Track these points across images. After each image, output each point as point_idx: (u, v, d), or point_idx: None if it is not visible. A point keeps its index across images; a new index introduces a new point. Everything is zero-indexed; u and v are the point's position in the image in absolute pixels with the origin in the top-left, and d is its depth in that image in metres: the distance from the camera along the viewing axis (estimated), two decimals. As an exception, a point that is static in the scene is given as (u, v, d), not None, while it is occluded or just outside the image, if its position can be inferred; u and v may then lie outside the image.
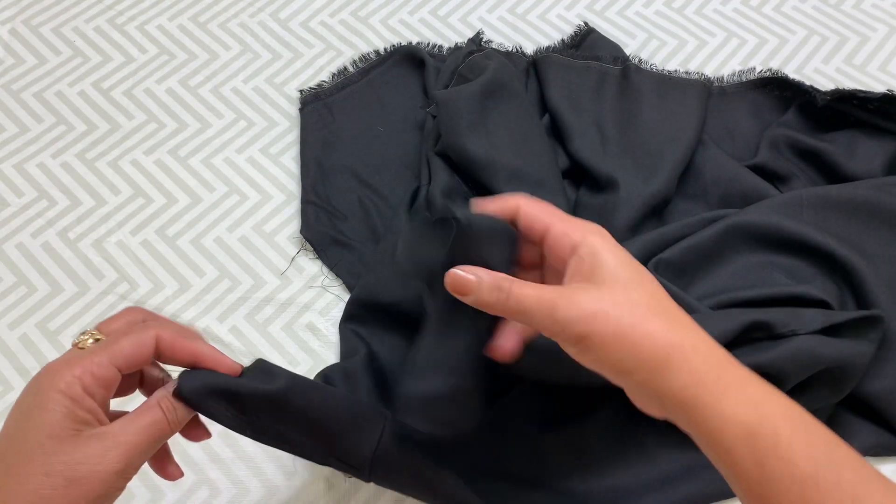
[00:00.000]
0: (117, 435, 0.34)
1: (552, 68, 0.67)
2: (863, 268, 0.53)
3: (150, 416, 0.35)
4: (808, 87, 0.66)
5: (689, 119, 0.63)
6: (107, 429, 0.34)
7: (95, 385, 0.34)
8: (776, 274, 0.53)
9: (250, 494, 0.51)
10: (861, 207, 0.57)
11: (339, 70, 0.72)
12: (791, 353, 0.45)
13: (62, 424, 0.33)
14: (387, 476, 0.42)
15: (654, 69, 0.69)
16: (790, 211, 0.56)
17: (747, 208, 0.56)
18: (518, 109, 0.62)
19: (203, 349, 0.38)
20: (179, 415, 0.37)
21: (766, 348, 0.46)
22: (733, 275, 0.54)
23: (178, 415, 0.36)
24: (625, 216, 0.57)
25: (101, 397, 0.35)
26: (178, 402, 0.36)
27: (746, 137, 0.67)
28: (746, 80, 0.70)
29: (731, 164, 0.62)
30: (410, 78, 0.71)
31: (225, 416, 0.38)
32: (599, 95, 0.65)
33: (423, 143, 0.64)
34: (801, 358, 0.45)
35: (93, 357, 0.35)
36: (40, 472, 0.32)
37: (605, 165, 0.60)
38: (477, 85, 0.60)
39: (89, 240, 0.62)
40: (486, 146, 0.58)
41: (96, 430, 0.34)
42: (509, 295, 0.35)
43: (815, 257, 0.54)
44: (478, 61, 0.64)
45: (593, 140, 0.62)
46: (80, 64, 0.72)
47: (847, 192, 0.57)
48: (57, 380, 0.33)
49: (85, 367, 0.34)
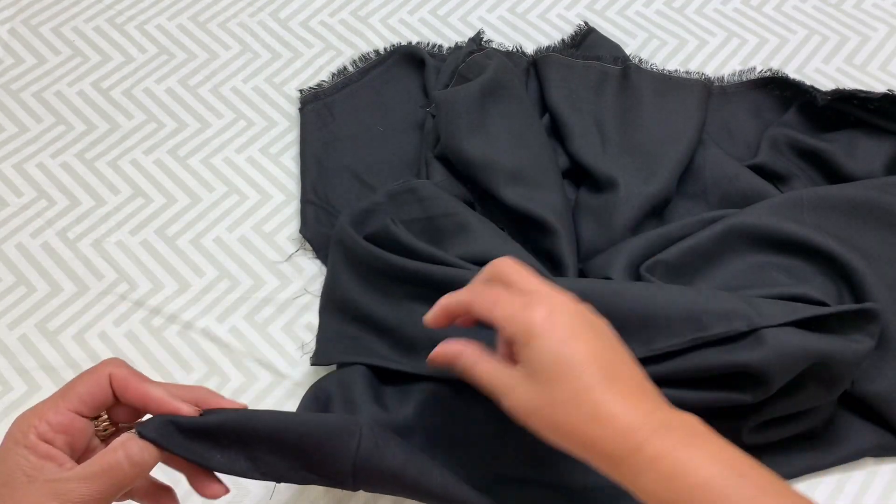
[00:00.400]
0: (68, 482, 0.34)
1: (552, 68, 0.67)
2: (863, 268, 0.53)
3: (107, 459, 0.35)
4: (808, 87, 0.66)
5: (690, 119, 0.63)
6: (59, 477, 0.34)
7: (52, 431, 0.35)
8: (776, 274, 0.53)
9: (250, 494, 0.51)
10: (861, 208, 0.56)
11: (339, 70, 0.72)
12: (773, 350, 0.44)
13: (14, 474, 0.34)
14: (373, 482, 0.42)
15: (654, 69, 0.69)
16: (790, 211, 0.56)
17: (747, 209, 0.56)
18: (518, 109, 0.62)
19: (153, 393, 0.37)
20: (146, 455, 0.36)
21: (746, 347, 0.45)
22: (733, 276, 0.54)
23: (144, 455, 0.36)
24: (624, 216, 0.57)
25: (63, 442, 0.35)
26: (146, 442, 0.36)
27: (746, 137, 0.67)
28: (747, 79, 0.70)
29: (732, 164, 0.62)
30: (410, 78, 0.71)
31: (192, 451, 0.38)
32: (599, 95, 0.65)
33: (422, 144, 0.64)
34: (784, 354, 0.44)
35: (48, 403, 0.36)
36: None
37: (604, 165, 0.60)
38: (476, 85, 0.60)
39: (89, 240, 0.62)
40: (484, 147, 0.58)
41: (49, 476, 0.34)
42: (472, 370, 0.39)
43: (814, 258, 0.54)
44: (478, 61, 0.64)
45: (593, 140, 0.62)
46: (79, 64, 0.72)
47: (847, 192, 0.57)
48: (15, 429, 0.35)
49: (40, 414, 0.35)
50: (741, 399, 0.47)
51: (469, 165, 0.58)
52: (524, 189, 0.57)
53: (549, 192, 0.58)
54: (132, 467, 0.35)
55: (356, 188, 0.64)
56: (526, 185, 0.57)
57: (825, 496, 0.51)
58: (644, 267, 0.52)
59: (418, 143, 0.66)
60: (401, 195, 0.56)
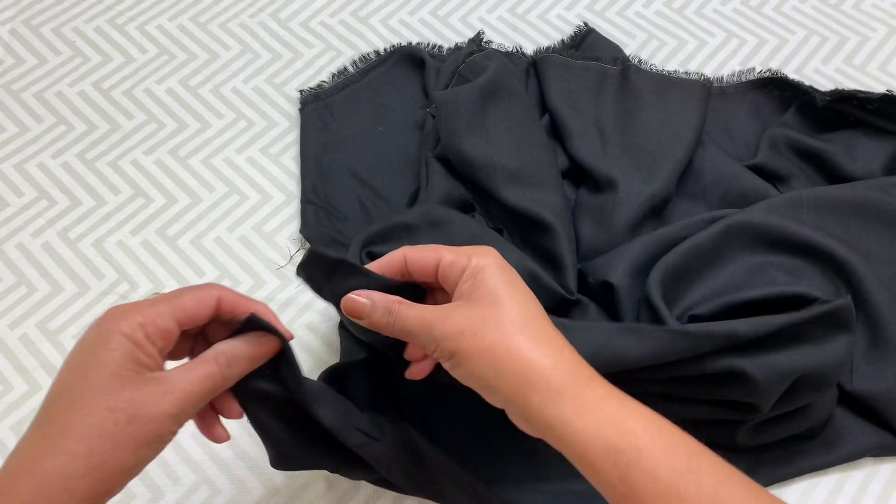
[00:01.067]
0: (174, 381, 0.34)
1: (552, 69, 0.67)
2: (861, 268, 0.53)
3: (205, 368, 0.36)
4: (807, 87, 0.66)
5: (689, 119, 0.63)
6: (164, 374, 0.35)
7: (156, 334, 0.35)
8: (774, 273, 0.53)
9: (250, 494, 0.51)
10: (860, 208, 0.57)
11: (339, 70, 0.72)
12: (760, 375, 0.44)
13: (124, 365, 0.33)
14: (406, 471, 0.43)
15: (653, 69, 0.69)
16: (789, 211, 0.56)
17: (747, 209, 0.56)
18: (518, 110, 0.62)
19: (261, 308, 0.38)
20: (233, 371, 0.37)
21: (728, 380, 0.45)
22: (733, 275, 0.54)
23: (231, 371, 0.37)
24: (624, 216, 0.57)
25: (160, 347, 0.35)
26: (233, 359, 0.37)
27: (746, 137, 0.67)
28: (746, 80, 0.70)
29: (731, 164, 0.62)
30: (410, 78, 0.71)
31: (271, 380, 0.39)
32: (599, 96, 0.65)
33: (422, 144, 0.64)
34: (771, 377, 0.44)
35: (155, 307, 0.35)
36: (103, 407, 0.32)
37: (604, 165, 0.60)
38: (476, 85, 0.60)
39: (89, 240, 0.62)
40: (484, 147, 0.58)
41: (155, 374, 0.34)
42: (396, 316, 0.38)
43: (813, 257, 0.54)
44: (478, 61, 0.64)
45: (593, 140, 0.62)
46: (80, 64, 0.72)
47: (846, 192, 0.57)
48: (121, 323, 0.34)
49: (147, 315, 0.35)
50: (734, 416, 0.48)
51: (468, 165, 0.58)
52: (524, 189, 0.57)
53: (549, 191, 0.58)
54: (225, 380, 0.36)
55: (356, 188, 0.65)
56: (525, 185, 0.57)
57: (825, 496, 0.51)
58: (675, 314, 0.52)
59: (418, 143, 0.66)
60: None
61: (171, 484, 0.51)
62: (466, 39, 0.73)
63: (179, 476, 0.51)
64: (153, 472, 0.51)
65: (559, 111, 0.65)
